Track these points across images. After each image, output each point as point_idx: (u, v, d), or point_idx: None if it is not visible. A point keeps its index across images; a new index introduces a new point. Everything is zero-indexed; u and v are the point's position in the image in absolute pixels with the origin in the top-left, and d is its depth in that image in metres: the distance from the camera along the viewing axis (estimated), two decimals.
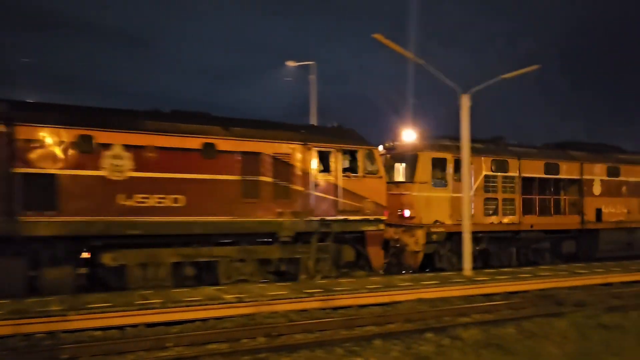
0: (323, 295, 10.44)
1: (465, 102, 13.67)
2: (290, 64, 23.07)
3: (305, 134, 12.69)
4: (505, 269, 14.85)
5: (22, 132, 9.81)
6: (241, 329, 8.60)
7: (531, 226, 16.12)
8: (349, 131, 13.47)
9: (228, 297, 9.98)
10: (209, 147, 11.32)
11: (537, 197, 16.31)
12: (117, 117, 10.99)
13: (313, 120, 20.78)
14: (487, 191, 15.36)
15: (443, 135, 15.58)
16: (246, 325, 8.89)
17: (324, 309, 10.06)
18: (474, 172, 14.91)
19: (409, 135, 16.38)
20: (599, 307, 10.02)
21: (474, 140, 15.06)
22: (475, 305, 10.82)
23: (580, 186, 17.22)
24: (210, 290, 10.68)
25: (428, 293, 11.31)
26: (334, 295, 10.53)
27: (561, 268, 15.19)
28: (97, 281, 10.81)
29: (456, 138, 14.47)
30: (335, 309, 10.16)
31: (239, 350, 7.60)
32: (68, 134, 10.16)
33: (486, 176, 15.25)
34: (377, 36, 13.10)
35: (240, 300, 9.73)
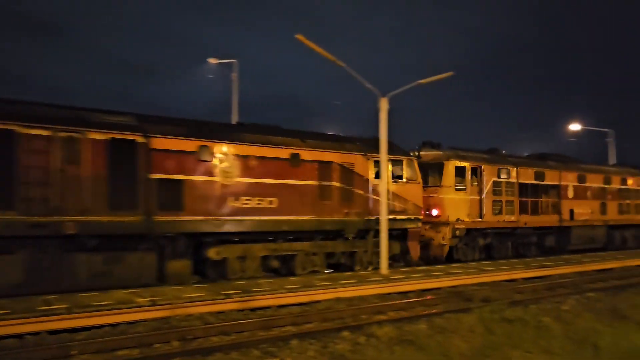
0: (241, 297, 10.29)
1: (383, 105, 14.04)
2: (212, 61, 22.62)
3: (364, 146, 14.82)
4: (420, 267, 15.44)
5: (156, 143, 11.31)
6: (154, 333, 8.27)
7: (525, 224, 19.32)
8: (391, 143, 15.01)
9: (141, 300, 9.58)
10: (295, 156, 13.24)
11: (529, 199, 19.40)
12: (226, 130, 13.13)
13: (234, 118, 20.49)
14: (494, 194, 18.23)
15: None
16: (160, 329, 8.55)
17: (241, 310, 9.92)
18: (486, 178, 17.90)
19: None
20: (503, 302, 10.62)
21: (477, 150, 18.72)
22: (390, 302, 11.12)
23: (558, 190, 20.77)
24: (121, 293, 10.19)
25: (346, 292, 11.48)
26: (252, 296, 10.42)
27: (471, 266, 16.02)
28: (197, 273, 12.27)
29: (459, 148, 17.79)
30: (254, 309, 10.04)
31: (151, 356, 7.32)
32: (191, 145, 11.74)
33: (494, 182, 18.26)
34: (299, 37, 13.13)
35: (153, 304, 9.37)
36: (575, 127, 35.94)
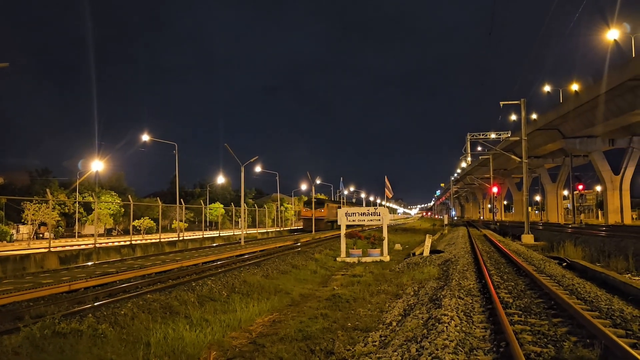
0: None
1: None
2: None
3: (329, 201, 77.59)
4: None
5: (330, 207, 68.72)
6: None
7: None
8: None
9: None
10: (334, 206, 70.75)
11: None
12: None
13: None
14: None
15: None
16: None
17: None
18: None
19: None
20: (57, 315, 9.90)
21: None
22: None
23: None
24: None
25: None
26: None
27: (27, 280, 14.47)
28: None
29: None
30: None
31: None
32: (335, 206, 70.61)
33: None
34: None
35: None
36: (145, 137, 38.08)
